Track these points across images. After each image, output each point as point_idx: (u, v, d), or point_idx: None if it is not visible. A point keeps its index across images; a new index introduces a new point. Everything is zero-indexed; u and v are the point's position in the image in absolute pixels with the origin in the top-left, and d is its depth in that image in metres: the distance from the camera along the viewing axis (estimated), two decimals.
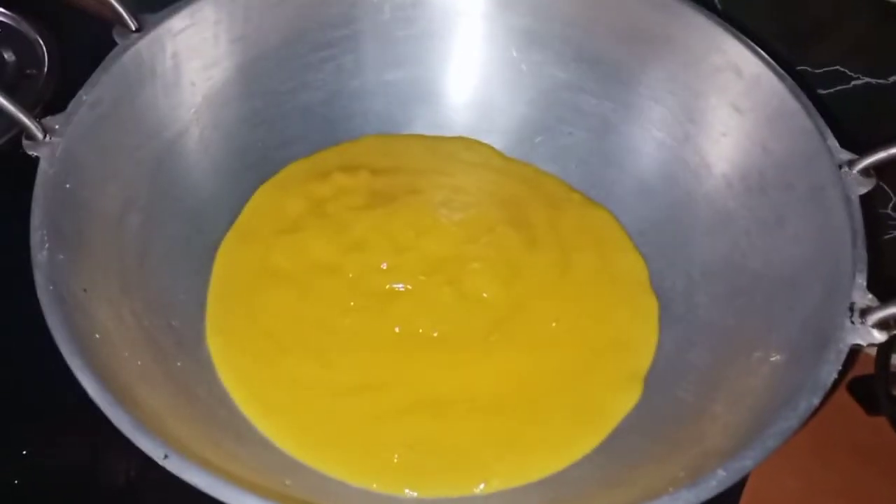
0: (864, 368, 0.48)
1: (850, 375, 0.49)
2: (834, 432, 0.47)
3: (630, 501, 0.28)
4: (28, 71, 0.57)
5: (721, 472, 0.28)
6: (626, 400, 0.39)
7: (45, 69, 0.57)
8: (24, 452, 0.42)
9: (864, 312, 0.32)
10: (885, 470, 0.46)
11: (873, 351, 0.47)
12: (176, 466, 0.27)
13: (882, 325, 0.31)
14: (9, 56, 0.58)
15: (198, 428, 0.34)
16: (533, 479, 0.37)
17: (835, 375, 0.30)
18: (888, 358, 0.46)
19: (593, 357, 0.41)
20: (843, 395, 0.49)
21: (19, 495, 0.41)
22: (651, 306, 0.43)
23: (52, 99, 0.54)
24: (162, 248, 0.40)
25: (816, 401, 0.30)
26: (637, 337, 0.42)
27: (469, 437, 0.38)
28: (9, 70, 0.57)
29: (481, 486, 0.36)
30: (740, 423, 0.33)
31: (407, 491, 0.36)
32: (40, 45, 0.58)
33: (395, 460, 0.37)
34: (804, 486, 0.46)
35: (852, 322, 0.32)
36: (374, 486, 0.36)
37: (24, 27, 0.59)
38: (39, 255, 0.32)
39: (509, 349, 0.41)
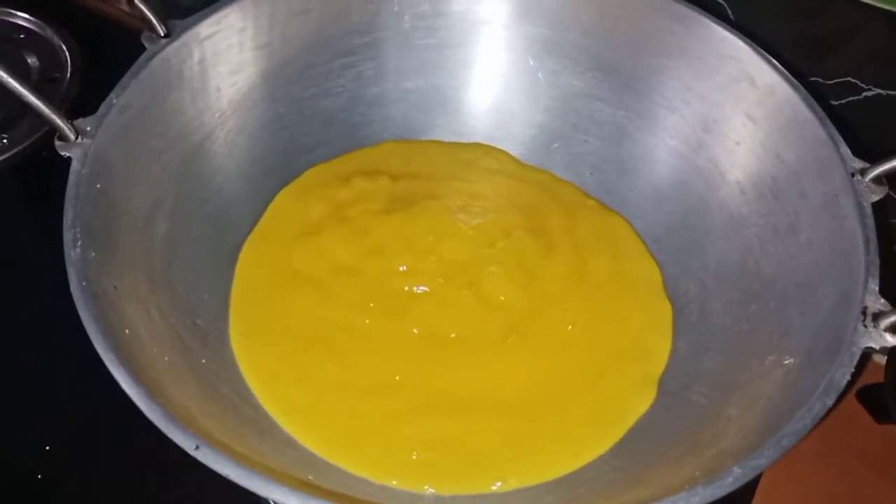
0: (873, 377, 0.48)
1: (860, 384, 0.50)
2: (844, 440, 0.48)
3: (646, 500, 0.28)
4: (52, 75, 0.58)
5: (737, 470, 0.28)
6: (640, 402, 0.40)
7: (69, 74, 0.58)
8: (48, 448, 0.43)
9: (877, 316, 0.32)
10: (893, 476, 0.46)
11: (883, 360, 0.47)
12: (208, 457, 0.27)
13: (894, 328, 0.32)
14: (33, 61, 0.59)
15: (222, 424, 0.34)
16: (548, 478, 0.37)
17: (848, 377, 0.31)
18: None
19: (608, 360, 0.41)
20: (852, 403, 0.49)
21: (42, 490, 0.42)
22: (665, 311, 0.44)
23: (75, 103, 0.55)
24: (187, 248, 0.41)
25: (830, 402, 0.30)
26: (652, 341, 0.42)
27: (486, 436, 0.38)
28: (33, 74, 0.58)
29: (498, 484, 0.37)
30: (754, 426, 0.33)
31: (426, 488, 0.37)
32: (63, 50, 0.59)
33: (415, 458, 0.37)
34: (814, 492, 0.46)
35: (865, 326, 0.32)
36: (394, 483, 0.37)
37: (48, 33, 0.60)
38: (72, 252, 0.32)
39: (526, 351, 0.41)
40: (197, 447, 0.27)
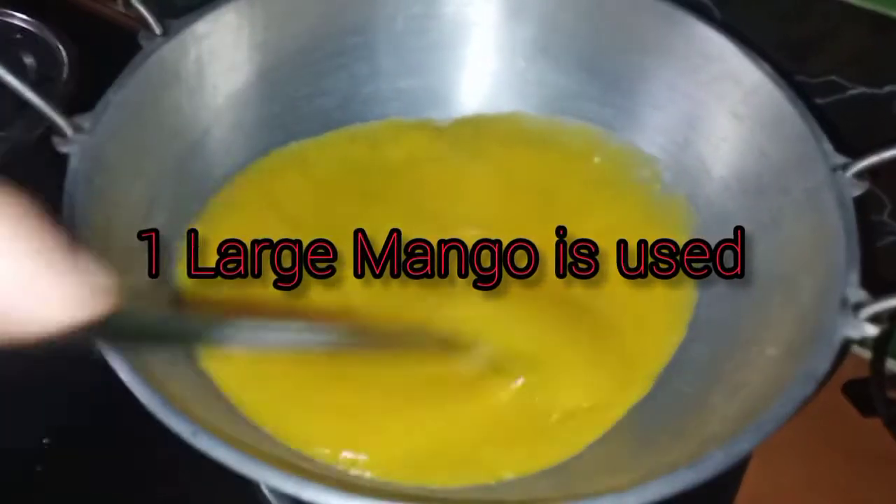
0: (859, 371, 0.49)
1: (845, 378, 0.50)
2: (829, 434, 0.48)
3: (631, 484, 0.29)
4: (49, 75, 0.59)
5: (719, 454, 0.29)
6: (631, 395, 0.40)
7: (65, 74, 0.59)
8: (46, 441, 0.44)
9: (857, 307, 0.32)
10: (879, 470, 0.47)
11: (868, 355, 0.48)
12: (205, 444, 0.27)
13: (874, 318, 0.32)
14: (30, 61, 0.59)
15: (220, 415, 0.35)
16: (542, 467, 0.37)
17: (828, 366, 0.31)
18: (883, 360, 0.47)
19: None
20: (838, 397, 0.50)
21: (41, 483, 0.42)
22: None
23: (72, 102, 0.56)
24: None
25: (810, 389, 0.30)
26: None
27: (480, 429, 0.38)
28: (30, 74, 0.59)
29: (493, 475, 0.37)
30: (738, 413, 0.33)
31: (422, 483, 0.36)
32: (60, 50, 0.60)
33: (410, 454, 0.37)
34: (799, 485, 0.47)
35: (845, 316, 0.32)
36: (390, 479, 0.36)
37: (46, 34, 0.61)
38: None
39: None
40: (195, 433, 0.28)
